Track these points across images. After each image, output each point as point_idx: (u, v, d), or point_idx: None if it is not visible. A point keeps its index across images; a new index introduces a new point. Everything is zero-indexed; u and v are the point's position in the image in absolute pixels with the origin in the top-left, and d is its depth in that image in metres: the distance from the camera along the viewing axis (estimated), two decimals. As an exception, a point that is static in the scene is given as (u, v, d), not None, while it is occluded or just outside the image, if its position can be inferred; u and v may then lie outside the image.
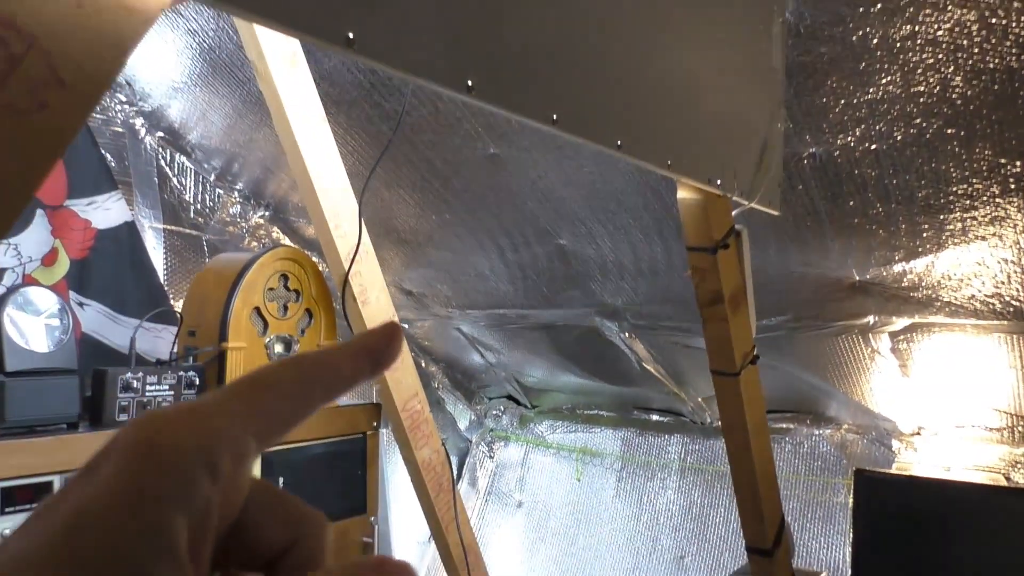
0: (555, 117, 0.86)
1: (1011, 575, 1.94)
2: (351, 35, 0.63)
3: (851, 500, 2.46)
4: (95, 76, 0.52)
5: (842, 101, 1.56)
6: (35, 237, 1.95)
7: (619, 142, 0.96)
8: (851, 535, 2.31)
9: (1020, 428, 2.24)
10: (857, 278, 2.02)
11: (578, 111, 0.90)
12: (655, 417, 3.15)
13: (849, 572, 2.31)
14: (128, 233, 2.14)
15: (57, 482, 1.42)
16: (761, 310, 1.96)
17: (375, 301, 1.82)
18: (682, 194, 1.25)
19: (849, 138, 1.64)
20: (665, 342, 2.66)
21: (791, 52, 1.47)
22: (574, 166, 2.00)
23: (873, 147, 1.63)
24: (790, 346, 2.39)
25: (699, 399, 2.93)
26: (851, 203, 1.79)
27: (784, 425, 2.80)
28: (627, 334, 2.66)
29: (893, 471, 2.34)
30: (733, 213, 1.33)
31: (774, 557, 1.57)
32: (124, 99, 2.33)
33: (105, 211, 2.08)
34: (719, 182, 1.20)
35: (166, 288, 2.38)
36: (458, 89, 0.75)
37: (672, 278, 2.29)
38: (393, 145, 2.04)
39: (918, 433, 2.49)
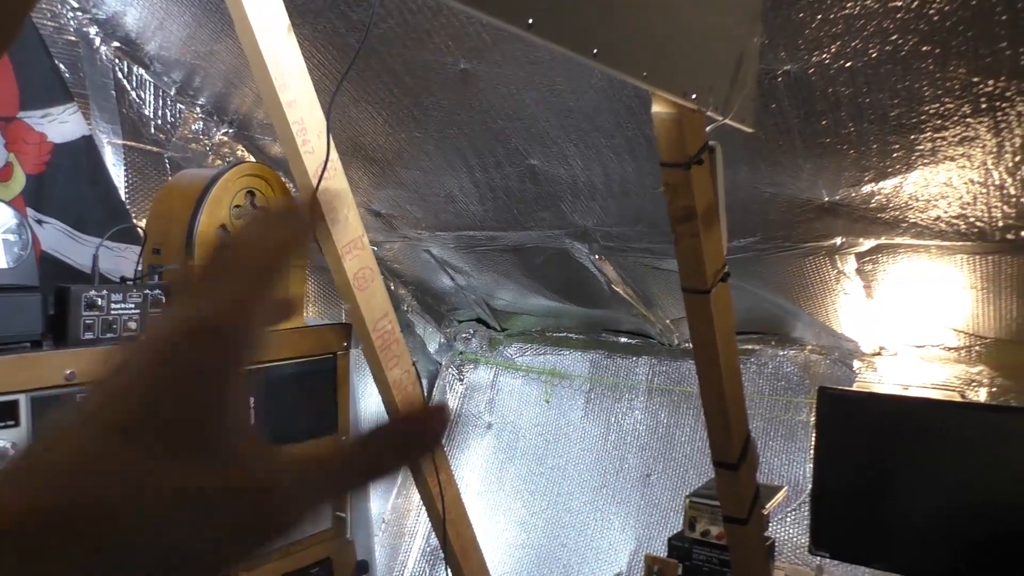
0: (531, 21, 0.84)
1: (965, 487, 2.03)
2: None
3: (813, 418, 2.53)
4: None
5: (819, 16, 1.53)
6: (-12, 152, 1.88)
7: (595, 50, 0.94)
8: (812, 452, 2.39)
9: (977, 348, 2.30)
10: (827, 199, 2.03)
11: (554, 16, 0.87)
12: (623, 339, 3.18)
13: (810, 486, 2.40)
14: (86, 148, 2.07)
15: (23, 401, 1.40)
16: (731, 231, 1.96)
17: (344, 219, 1.79)
18: (656, 108, 1.23)
19: (824, 55, 1.62)
20: (635, 264, 2.67)
21: (770, -36, 1.44)
22: (547, 84, 1.96)
23: (848, 65, 1.61)
24: (758, 267, 2.41)
25: (667, 321, 2.96)
26: (824, 122, 1.78)
27: (750, 346, 2.85)
28: (597, 256, 2.67)
29: (855, 389, 2.41)
30: (707, 129, 1.31)
31: (739, 471, 1.62)
32: (76, 5, 2.22)
33: (61, 124, 2.00)
34: (694, 96, 1.18)
35: (128, 206, 2.32)
36: (431, -14, 0.72)
37: (643, 199, 2.29)
38: (361, 58, 1.98)
39: (879, 353, 2.55)
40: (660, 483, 2.94)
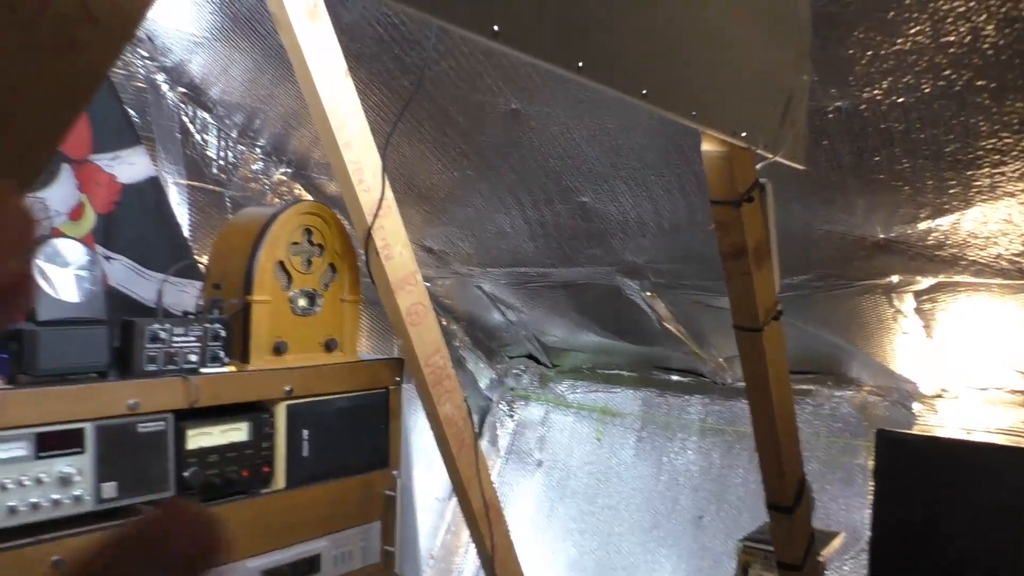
0: (581, 64, 0.86)
1: (1030, 534, 1.94)
2: (376, -25, 0.62)
3: (871, 462, 2.46)
4: (126, 14, 0.52)
5: (869, 52, 1.53)
6: (61, 191, 1.97)
7: (644, 91, 0.95)
8: (870, 497, 2.32)
9: (1044, 390, 2.22)
10: (882, 236, 2.00)
11: (604, 58, 0.89)
12: (675, 377, 3.15)
13: (868, 533, 2.32)
14: (152, 188, 2.15)
15: (88, 429, 1.45)
16: (783, 268, 1.94)
17: (398, 256, 1.82)
18: (706, 146, 1.24)
19: (876, 91, 1.61)
20: (687, 301, 2.65)
21: (817, 2, 1.44)
22: (596, 122, 1.99)
23: (900, 100, 1.60)
24: (812, 306, 2.38)
25: (720, 359, 2.93)
26: (877, 158, 1.76)
27: (805, 386, 2.79)
28: (648, 293, 2.66)
29: (915, 432, 2.34)
30: (757, 167, 1.31)
31: (794, 515, 1.59)
32: (145, 54, 2.33)
33: (129, 165, 2.09)
34: (744, 134, 1.19)
35: (191, 243, 2.40)
36: (484, 33, 0.74)
37: (694, 236, 2.28)
38: (414, 100, 2.04)
39: (940, 395, 2.48)
40: (713, 526, 2.88)
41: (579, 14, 0.84)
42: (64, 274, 1.50)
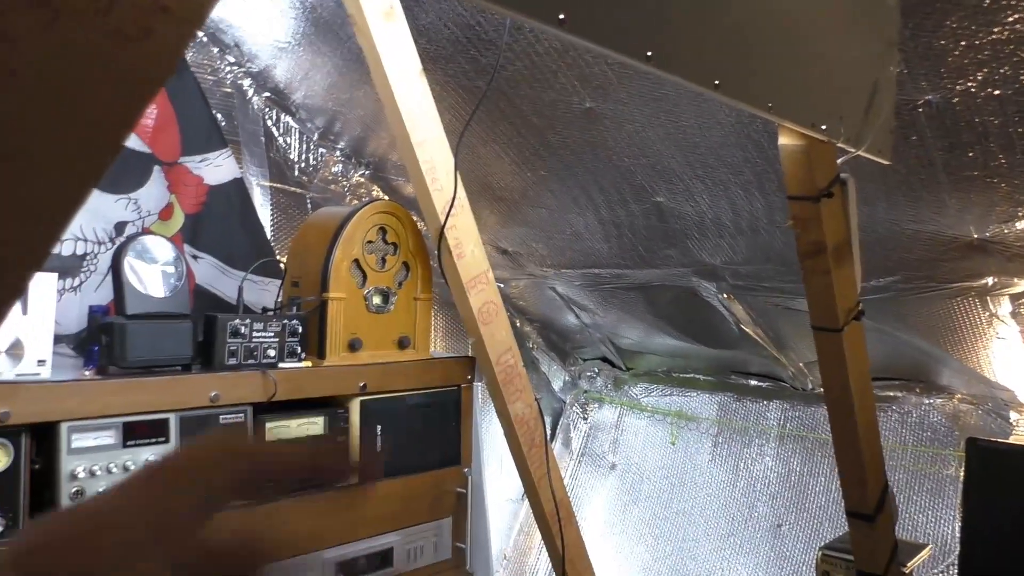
0: (649, 54, 0.84)
1: None
2: (441, -36, 0.63)
3: (962, 473, 2.34)
4: (196, 3, 0.53)
5: (963, 43, 1.46)
6: (153, 192, 2.05)
7: (717, 82, 0.93)
8: (961, 510, 2.21)
9: None
10: (975, 236, 1.90)
11: (674, 48, 0.87)
12: (753, 382, 3.08)
13: (958, 548, 2.21)
14: (237, 189, 2.23)
15: (172, 420, 1.51)
16: (869, 270, 1.87)
17: (470, 255, 1.83)
18: (783, 140, 1.20)
19: (970, 83, 1.53)
20: (765, 303, 2.58)
21: (907, -10, 1.38)
22: (672, 120, 1.96)
23: (997, 93, 1.52)
24: (900, 309, 2.28)
25: (800, 364, 2.84)
26: (970, 154, 1.68)
27: (892, 393, 2.69)
28: (725, 295, 2.60)
29: (1009, 441, 2.22)
30: (839, 161, 1.27)
31: (876, 523, 1.52)
32: (233, 60, 2.41)
33: (216, 168, 2.17)
34: (824, 127, 1.15)
35: (272, 243, 2.47)
36: (550, 22, 0.74)
37: (773, 236, 2.22)
38: (489, 100, 2.05)
39: (1040, 404, 2.35)
40: (792, 534, 2.79)
41: (648, 2, 0.83)
42: (152, 270, 1.57)
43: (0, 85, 0.43)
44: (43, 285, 1.37)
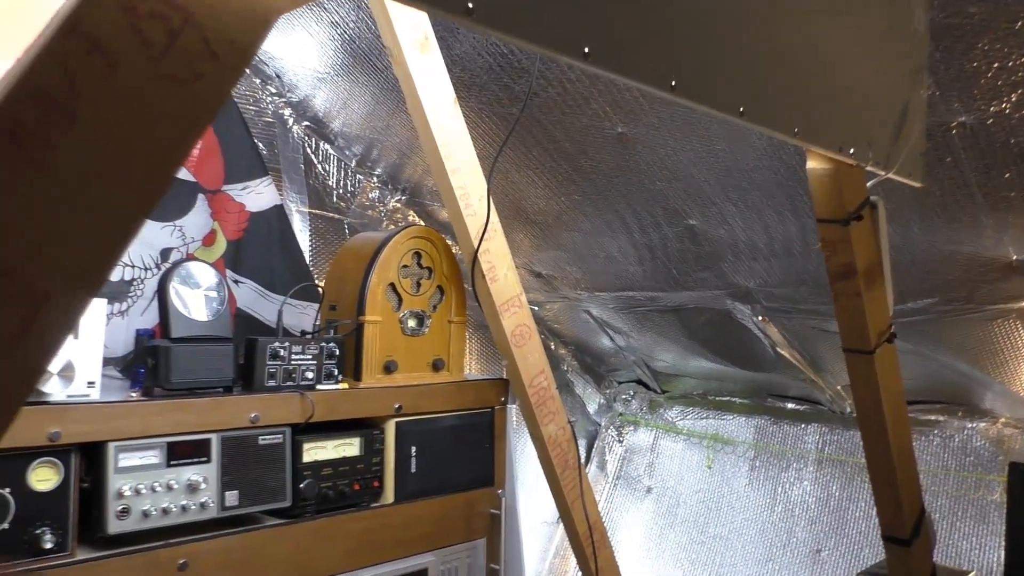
0: (673, 83, 0.86)
1: None
2: (471, 5, 0.66)
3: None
4: (242, 49, 0.57)
5: (995, 65, 1.46)
6: (197, 219, 2.12)
7: (742, 109, 0.95)
8: (1005, 536, 2.16)
9: None
10: (1015, 257, 1.88)
11: (698, 76, 0.89)
12: (791, 405, 3.05)
13: (1003, 573, 2.17)
14: (277, 216, 2.29)
15: (214, 440, 1.55)
16: (906, 292, 1.87)
17: (503, 278, 1.86)
18: (812, 164, 1.21)
19: (1004, 104, 1.53)
20: (801, 326, 2.57)
21: (937, 14, 1.39)
22: (704, 144, 1.97)
23: (1031, 114, 1.51)
24: (939, 331, 2.26)
25: (838, 387, 2.81)
26: (1007, 175, 1.67)
27: (933, 417, 2.65)
28: (761, 317, 2.59)
29: (1055, 467, 2.17)
30: (868, 184, 1.27)
31: (912, 548, 1.50)
32: (274, 91, 2.49)
33: (257, 195, 2.23)
34: (852, 151, 1.16)
35: (311, 268, 2.53)
36: (575, 56, 0.76)
37: (808, 259, 2.22)
38: (522, 126, 2.08)
39: (1087, 429, 2.29)
40: (832, 560, 2.75)
41: (671, 32, 0.85)
42: (195, 295, 1.62)
43: (63, 127, 0.47)
44: (93, 310, 1.43)
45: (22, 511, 1.33)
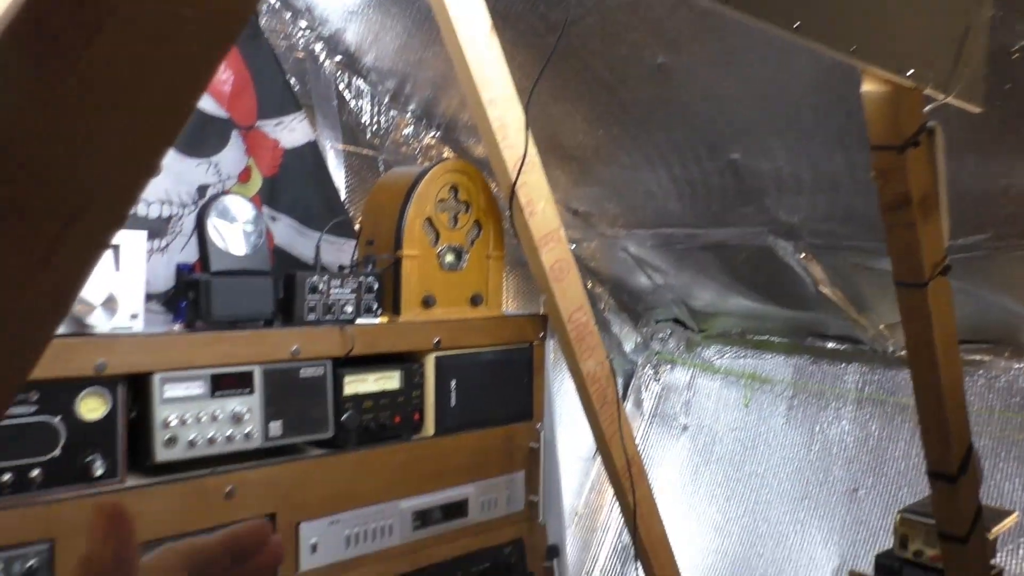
0: (727, -5, 0.82)
1: None
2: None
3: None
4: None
5: (1065, -19, 1.37)
6: (232, 156, 2.11)
7: (797, 23, 0.90)
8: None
9: None
10: (1074, 189, 1.80)
11: (752, -11, 0.85)
12: (831, 344, 3.00)
13: (1048, 515, 2.14)
14: (312, 152, 2.27)
15: (256, 371, 1.57)
16: (956, 227, 1.79)
17: (541, 212, 1.84)
18: (867, 86, 1.16)
19: (1072, 25, 1.44)
20: (845, 263, 2.51)
21: (1004, -74, 1.31)
22: (748, 74, 1.90)
23: (1102, 34, 1.43)
24: (989, 268, 2.19)
25: (881, 326, 2.76)
26: (1071, 102, 1.59)
27: (978, 357, 2.59)
28: (803, 254, 2.54)
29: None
30: (926, 109, 1.22)
31: (958, 484, 1.48)
32: (305, 25, 2.45)
33: (291, 131, 2.22)
34: (910, 72, 1.10)
35: (346, 206, 2.52)
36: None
37: (855, 194, 2.15)
38: (559, 57, 2.02)
39: None
40: (869, 499, 2.74)
41: (726, -58, 0.80)
42: (233, 229, 1.62)
43: (95, 26, 0.45)
44: (133, 242, 1.44)
45: (72, 439, 1.37)
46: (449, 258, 1.92)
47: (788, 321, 3.07)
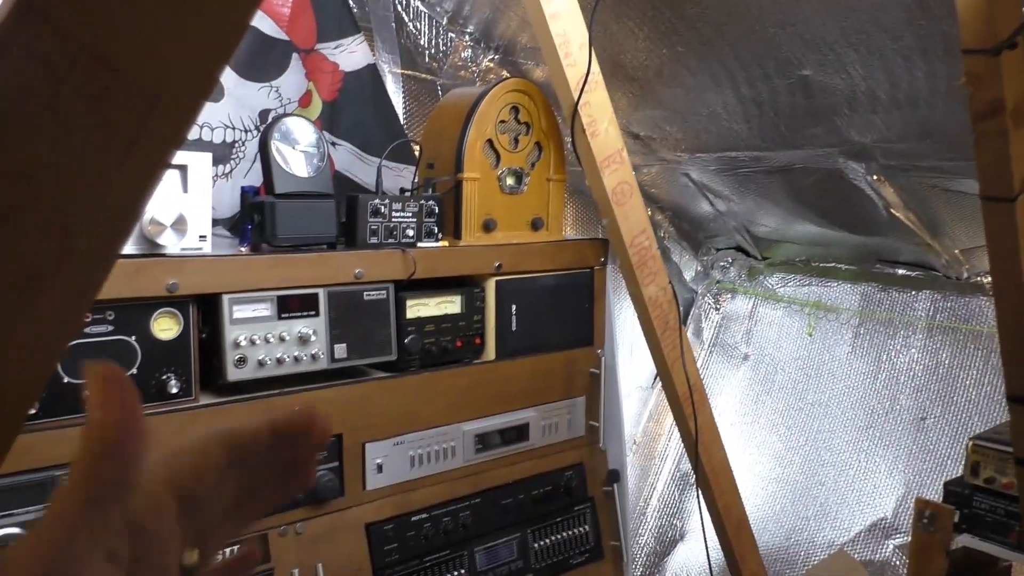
0: None
1: None
2: None
3: None
4: None
5: None
6: (292, 80, 2.10)
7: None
8: None
9: None
10: None
11: None
12: (901, 271, 2.91)
13: None
14: (371, 75, 2.25)
15: (321, 294, 1.59)
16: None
17: (604, 132, 1.79)
18: (961, -16, 1.08)
19: None
20: (920, 185, 2.41)
21: None
22: (824, -18, 1.80)
23: None
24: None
25: (956, 251, 2.65)
26: None
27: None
28: (875, 176, 2.44)
29: None
30: (1024, 9, 1.13)
31: (1039, 409, 1.43)
32: (362, -57, 2.39)
33: (350, 54, 2.19)
34: (1011, -34, 1.02)
35: (406, 131, 2.50)
36: None
37: (935, 109, 2.04)
38: (624, -31, 1.94)
39: None
40: (937, 428, 2.68)
41: None
42: (295, 152, 1.62)
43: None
44: (200, 163, 1.45)
45: (147, 358, 1.41)
46: (510, 181, 1.89)
47: (856, 247, 2.97)
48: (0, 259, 0.40)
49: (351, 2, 2.34)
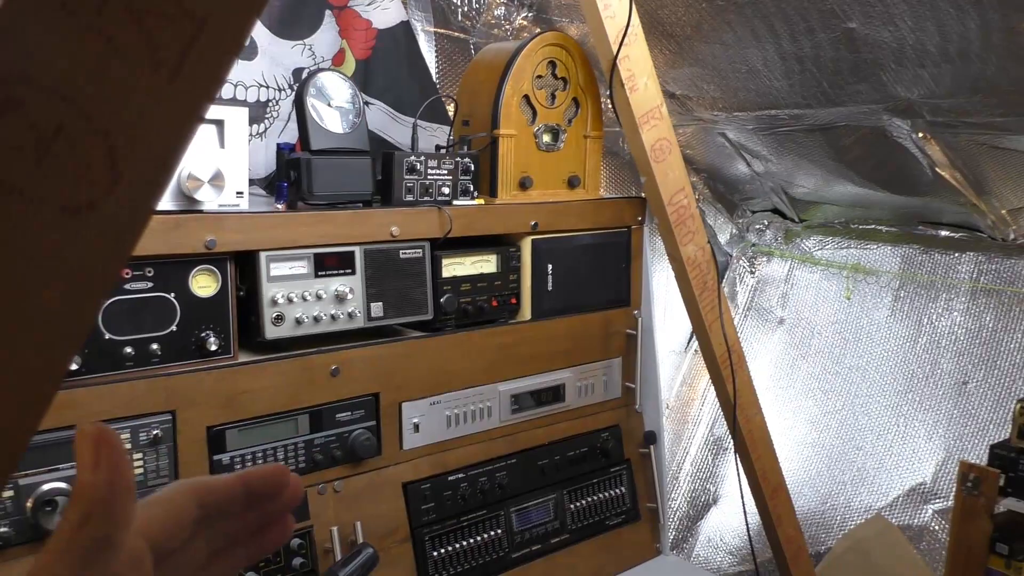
0: None
1: None
2: None
3: None
4: None
5: None
6: (325, 38, 2.08)
7: None
8: None
9: None
10: None
11: None
12: (944, 233, 2.83)
13: None
14: (404, 33, 2.22)
15: (357, 252, 1.58)
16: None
17: (643, 88, 1.75)
18: (1030, -81, 1.02)
19: None
20: (968, 143, 2.33)
21: None
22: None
23: None
24: None
25: (1003, 211, 2.58)
26: None
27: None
28: (921, 134, 2.36)
29: None
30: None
31: (1094, 370, 1.38)
32: (393, -103, 2.34)
33: (383, 11, 2.16)
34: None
35: (439, 90, 2.47)
36: None
37: (987, 63, 1.96)
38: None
39: None
40: (979, 392, 2.63)
41: None
42: (331, 108, 1.60)
43: None
44: (236, 119, 1.43)
45: (187, 315, 1.41)
46: (546, 138, 1.86)
47: (897, 208, 2.90)
48: (50, 184, 0.38)
49: (383, -43, 2.30)
